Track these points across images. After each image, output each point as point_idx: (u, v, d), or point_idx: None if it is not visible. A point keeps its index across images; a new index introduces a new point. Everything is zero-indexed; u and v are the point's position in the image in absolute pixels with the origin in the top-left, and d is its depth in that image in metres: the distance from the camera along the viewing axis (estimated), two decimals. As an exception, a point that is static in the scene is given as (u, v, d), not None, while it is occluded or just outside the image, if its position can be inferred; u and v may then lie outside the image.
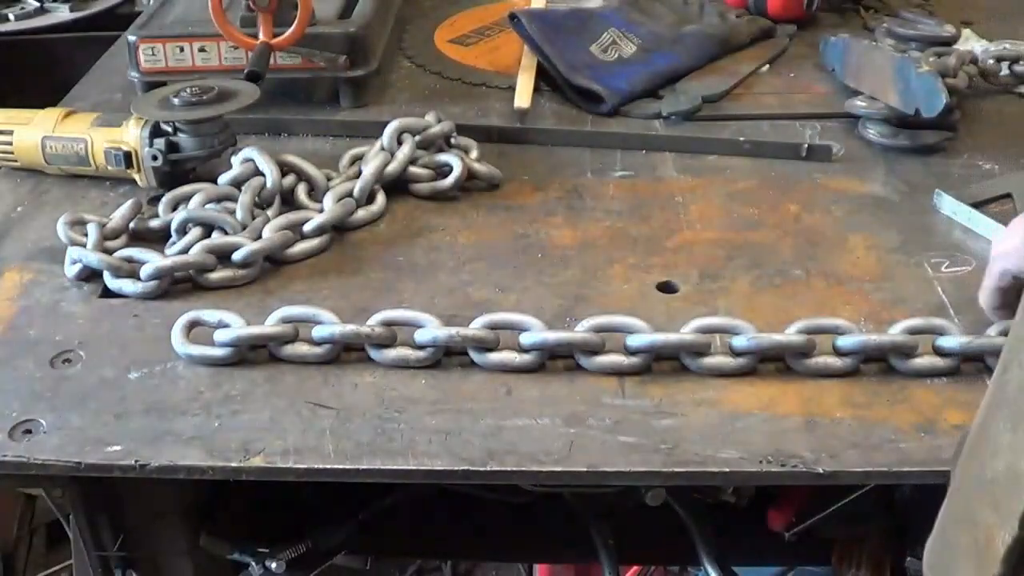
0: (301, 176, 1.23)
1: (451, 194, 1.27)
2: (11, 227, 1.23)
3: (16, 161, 1.32)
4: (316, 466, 0.87)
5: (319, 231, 1.16)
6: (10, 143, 1.30)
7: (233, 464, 0.87)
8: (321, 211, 1.18)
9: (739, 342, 0.95)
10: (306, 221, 1.16)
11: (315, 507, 1.25)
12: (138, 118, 1.25)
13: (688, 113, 1.44)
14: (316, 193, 1.22)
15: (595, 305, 1.06)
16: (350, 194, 1.20)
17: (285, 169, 1.22)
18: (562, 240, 1.19)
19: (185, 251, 1.11)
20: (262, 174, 1.20)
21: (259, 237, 1.13)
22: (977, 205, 1.20)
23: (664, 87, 1.51)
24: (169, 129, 1.24)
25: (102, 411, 0.92)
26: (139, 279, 1.08)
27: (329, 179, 1.24)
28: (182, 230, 1.15)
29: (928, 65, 1.34)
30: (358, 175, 1.23)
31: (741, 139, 1.37)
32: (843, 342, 0.96)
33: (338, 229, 1.19)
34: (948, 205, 1.22)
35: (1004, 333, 0.91)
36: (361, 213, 1.20)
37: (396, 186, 1.25)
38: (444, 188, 1.26)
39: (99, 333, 1.03)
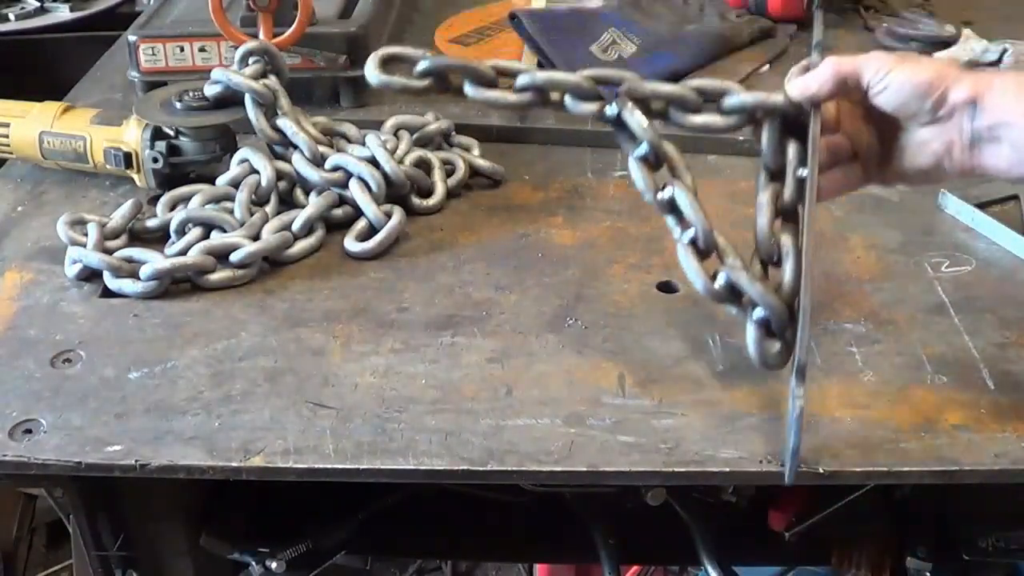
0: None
1: (453, 192, 1.27)
2: (11, 227, 1.23)
3: (12, 154, 1.32)
4: (316, 466, 0.87)
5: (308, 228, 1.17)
6: (7, 136, 1.30)
7: (233, 464, 0.87)
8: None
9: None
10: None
11: (315, 507, 1.25)
12: (139, 119, 1.25)
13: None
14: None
15: (595, 305, 1.06)
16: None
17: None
18: (562, 240, 1.19)
19: (184, 251, 1.11)
20: (257, 172, 1.20)
21: (258, 237, 1.13)
22: (982, 206, 1.20)
23: (664, 87, 1.51)
24: (171, 132, 1.25)
25: (102, 411, 0.92)
26: (139, 279, 1.08)
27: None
28: (181, 230, 1.15)
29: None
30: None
31: (741, 139, 1.37)
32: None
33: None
34: (952, 205, 1.22)
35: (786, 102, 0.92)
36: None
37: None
38: (449, 187, 1.26)
39: (99, 333, 1.03)
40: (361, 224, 1.18)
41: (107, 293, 1.09)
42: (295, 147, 1.22)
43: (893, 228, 1.20)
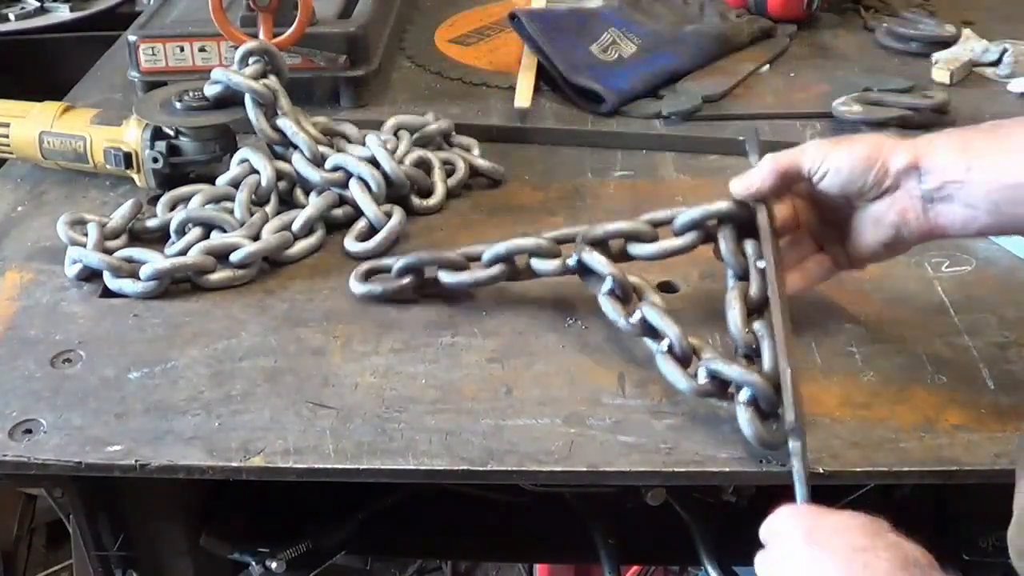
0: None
1: (453, 193, 1.27)
2: (11, 227, 1.23)
3: (12, 154, 1.32)
4: (316, 466, 0.87)
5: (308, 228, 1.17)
6: (7, 136, 1.31)
7: (233, 464, 0.87)
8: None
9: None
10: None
11: (315, 507, 1.25)
12: (139, 119, 1.25)
13: (688, 113, 1.44)
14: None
15: (595, 305, 1.06)
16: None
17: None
18: (562, 240, 1.18)
19: (184, 251, 1.11)
20: (257, 172, 1.20)
21: (258, 237, 1.13)
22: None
23: (664, 87, 1.51)
24: (171, 132, 1.25)
25: (102, 411, 0.92)
26: (139, 279, 1.08)
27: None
28: (181, 230, 1.15)
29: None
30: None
31: (741, 139, 1.37)
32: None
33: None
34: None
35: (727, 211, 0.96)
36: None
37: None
38: (449, 187, 1.26)
39: (99, 333, 1.03)
40: (361, 224, 1.18)
41: (107, 293, 1.09)
42: (295, 147, 1.22)
43: (893, 228, 1.20)
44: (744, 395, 0.87)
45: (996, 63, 1.58)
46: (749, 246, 0.96)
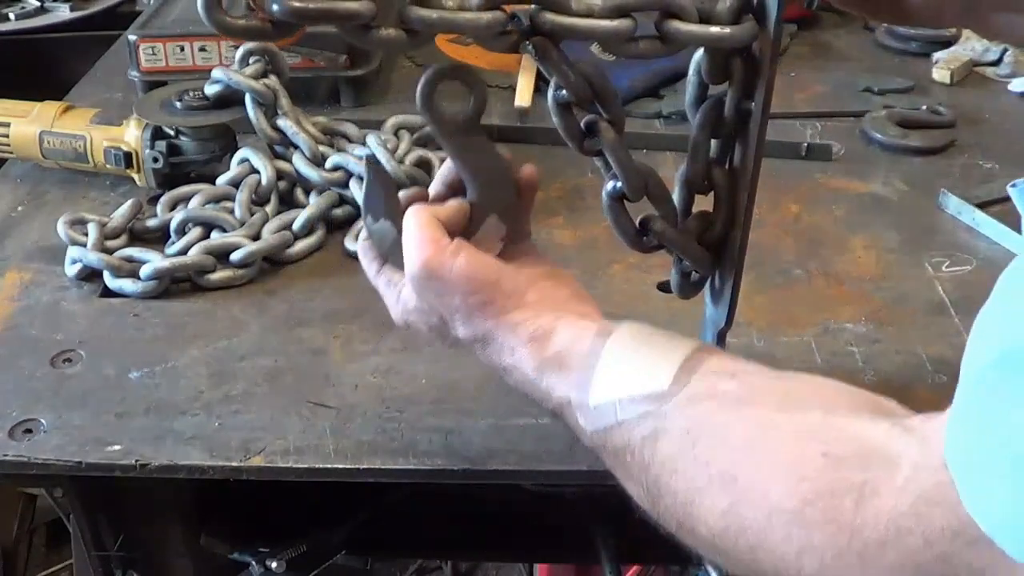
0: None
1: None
2: (11, 227, 1.23)
3: (12, 154, 1.32)
4: (316, 466, 0.87)
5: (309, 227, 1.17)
6: (7, 136, 1.30)
7: (233, 464, 0.87)
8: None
9: None
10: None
11: (315, 507, 1.25)
12: (139, 119, 1.25)
13: (688, 113, 1.43)
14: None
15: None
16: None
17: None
18: (563, 240, 1.19)
19: (184, 251, 1.11)
20: (258, 171, 1.20)
21: (258, 237, 1.13)
22: (982, 205, 1.20)
23: (665, 87, 1.51)
24: (171, 132, 1.25)
25: (102, 411, 0.92)
26: (139, 279, 1.08)
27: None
28: (181, 230, 1.15)
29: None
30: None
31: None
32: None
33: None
34: (953, 205, 1.22)
35: None
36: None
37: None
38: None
39: (99, 333, 1.03)
40: (361, 224, 1.18)
41: (107, 293, 1.09)
42: (295, 147, 1.22)
43: (893, 228, 1.20)
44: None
45: (996, 63, 1.58)
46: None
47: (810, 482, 0.57)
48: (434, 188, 0.84)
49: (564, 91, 0.76)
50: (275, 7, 0.66)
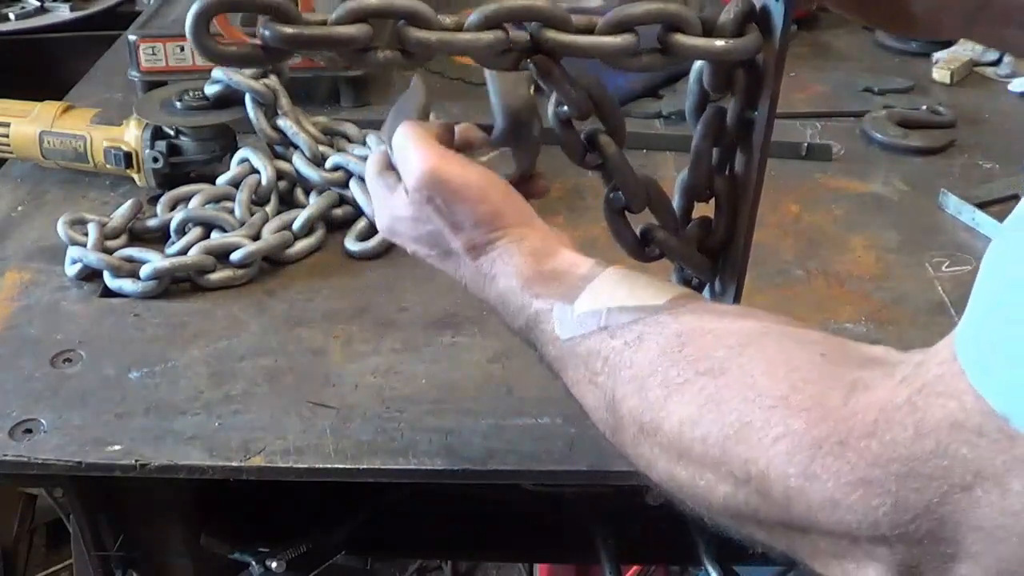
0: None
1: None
2: (11, 227, 1.23)
3: (12, 154, 1.32)
4: (316, 466, 0.87)
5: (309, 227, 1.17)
6: (7, 136, 1.31)
7: (233, 464, 0.87)
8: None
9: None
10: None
11: (315, 507, 1.25)
12: (139, 119, 1.26)
13: (688, 113, 1.43)
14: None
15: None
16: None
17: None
18: (562, 240, 1.18)
19: (184, 251, 1.11)
20: (258, 171, 1.20)
21: (258, 237, 1.13)
22: (982, 205, 1.20)
23: (664, 87, 1.51)
24: (171, 132, 1.25)
25: (102, 410, 0.92)
26: (139, 279, 1.08)
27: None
28: (181, 230, 1.15)
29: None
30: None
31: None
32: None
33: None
34: (953, 205, 1.22)
35: None
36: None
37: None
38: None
39: (99, 332, 1.03)
40: (361, 224, 1.18)
41: (107, 293, 1.09)
42: (295, 147, 1.22)
43: (893, 228, 1.20)
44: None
45: (996, 63, 1.58)
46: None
47: (802, 372, 0.55)
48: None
49: (565, 107, 0.75)
50: (267, 33, 0.65)
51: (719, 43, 0.70)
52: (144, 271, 1.08)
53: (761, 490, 0.54)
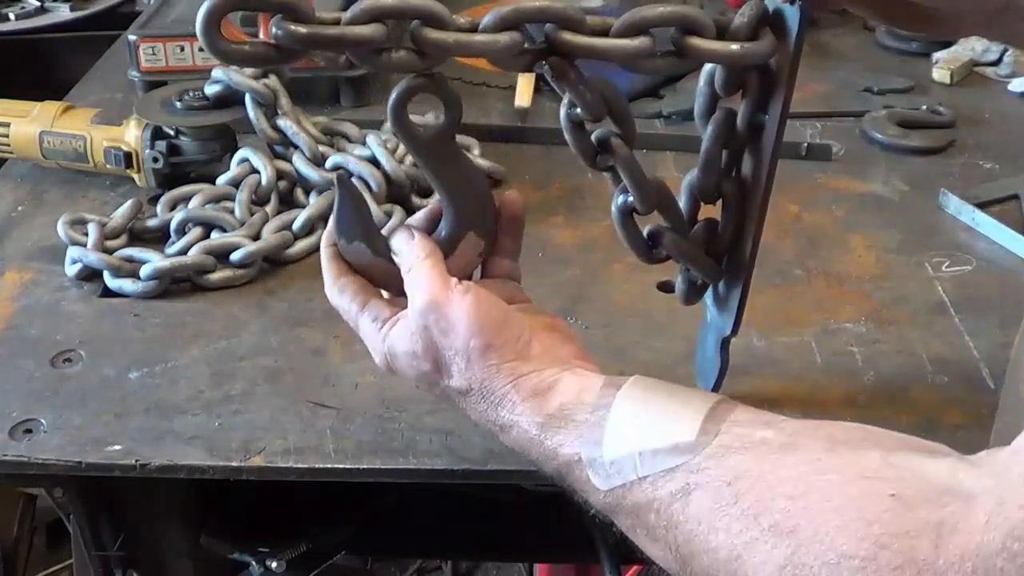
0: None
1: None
2: (11, 227, 1.23)
3: (12, 154, 1.32)
4: (316, 466, 0.87)
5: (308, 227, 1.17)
6: (7, 136, 1.31)
7: (233, 464, 0.87)
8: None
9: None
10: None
11: (315, 507, 1.24)
12: (139, 119, 1.26)
13: (689, 113, 1.42)
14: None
15: (596, 304, 1.06)
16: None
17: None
18: (563, 240, 1.19)
19: (184, 251, 1.11)
20: (258, 171, 1.20)
21: (258, 237, 1.13)
22: (982, 205, 1.20)
23: (665, 86, 1.51)
24: (171, 132, 1.25)
25: (102, 411, 0.92)
26: (139, 279, 1.08)
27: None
28: (181, 230, 1.15)
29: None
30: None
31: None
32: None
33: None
34: (953, 205, 1.22)
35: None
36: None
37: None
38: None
39: (99, 332, 1.03)
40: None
41: (107, 293, 1.09)
42: (295, 147, 1.22)
43: (893, 228, 1.20)
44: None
45: (996, 63, 1.58)
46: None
47: (881, 524, 0.52)
48: (416, 221, 0.82)
49: (578, 109, 0.75)
50: (279, 33, 0.64)
51: (734, 47, 0.70)
52: (144, 271, 1.08)
53: None
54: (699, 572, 0.61)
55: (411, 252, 0.75)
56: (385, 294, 0.81)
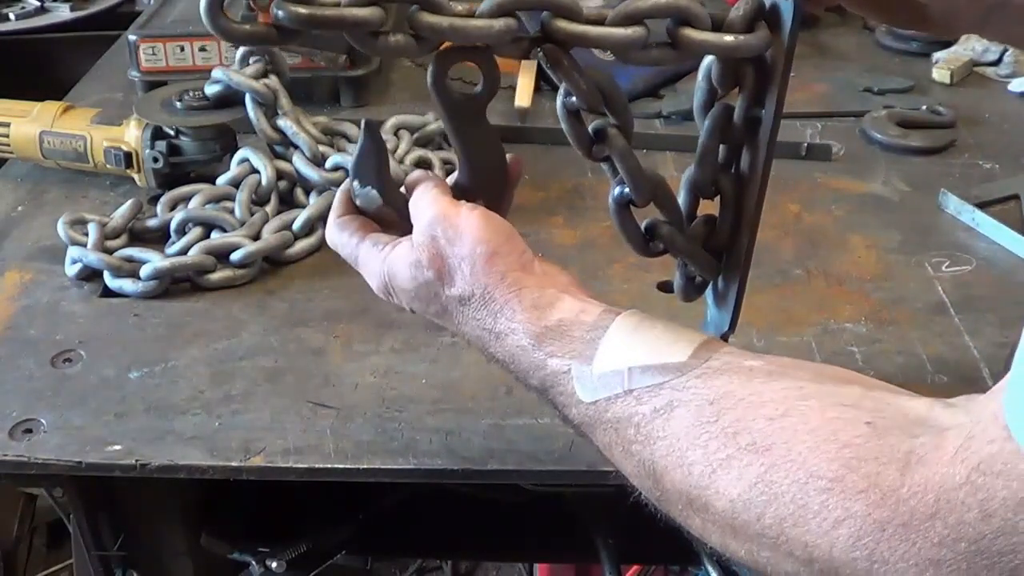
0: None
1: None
2: (11, 227, 1.23)
3: (12, 154, 1.32)
4: (316, 466, 0.87)
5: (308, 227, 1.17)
6: (7, 136, 1.31)
7: (233, 464, 0.87)
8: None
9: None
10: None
11: (315, 507, 1.25)
12: (139, 119, 1.26)
13: (688, 113, 1.43)
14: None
15: (595, 305, 1.06)
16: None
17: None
18: (563, 240, 1.19)
19: (184, 251, 1.11)
20: (258, 171, 1.20)
21: (258, 237, 1.13)
22: (982, 205, 1.20)
23: (665, 86, 1.51)
24: (171, 132, 1.25)
25: (102, 410, 0.92)
26: (139, 279, 1.08)
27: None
28: (181, 230, 1.15)
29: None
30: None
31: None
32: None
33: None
34: (953, 205, 1.22)
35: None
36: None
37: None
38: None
39: (99, 332, 1.03)
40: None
41: (107, 293, 1.09)
42: (295, 147, 1.22)
43: (893, 228, 1.20)
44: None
45: (996, 63, 1.58)
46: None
47: (852, 448, 0.53)
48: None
49: (574, 98, 0.75)
50: (280, 13, 0.66)
51: (728, 38, 0.70)
52: (144, 271, 1.08)
53: (827, 571, 0.54)
54: (671, 489, 0.62)
55: (424, 182, 0.77)
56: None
